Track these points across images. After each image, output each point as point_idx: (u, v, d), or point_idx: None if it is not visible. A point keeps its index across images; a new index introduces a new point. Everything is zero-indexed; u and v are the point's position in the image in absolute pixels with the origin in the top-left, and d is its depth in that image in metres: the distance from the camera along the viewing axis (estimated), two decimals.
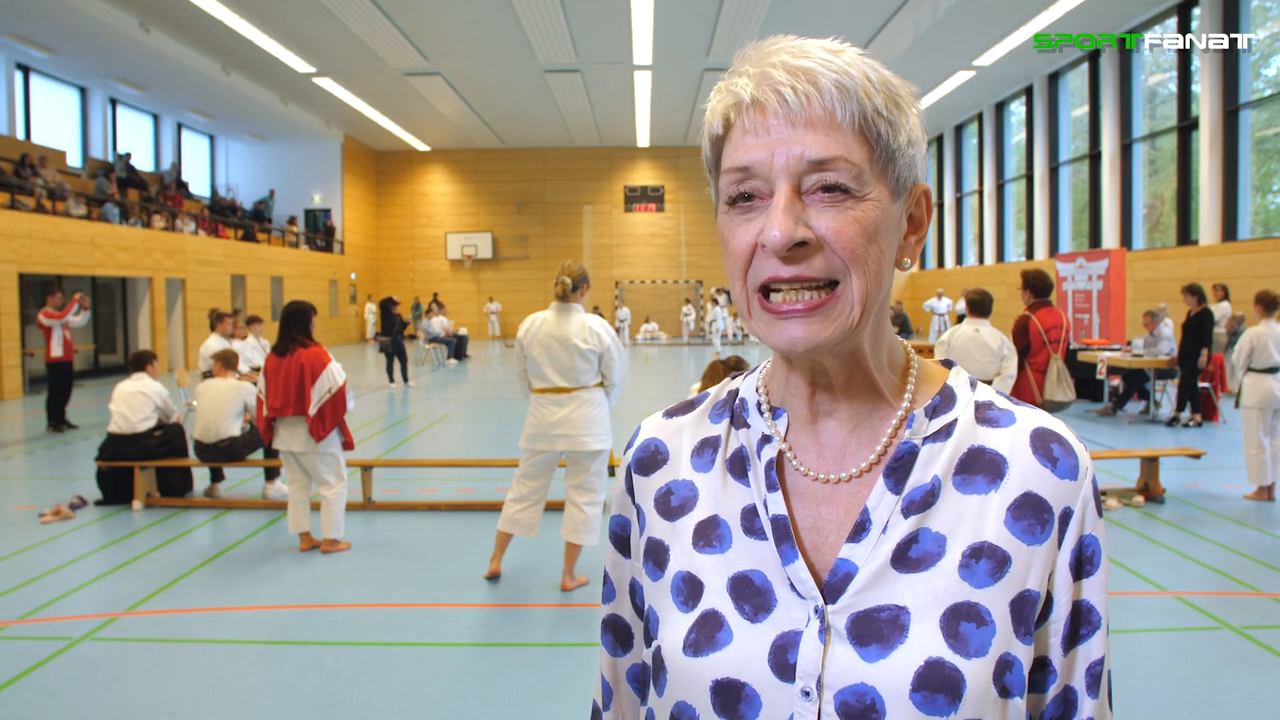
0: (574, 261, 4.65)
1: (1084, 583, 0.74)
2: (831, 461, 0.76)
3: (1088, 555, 0.74)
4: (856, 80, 0.68)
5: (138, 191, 19.90)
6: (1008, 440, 0.74)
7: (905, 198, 0.73)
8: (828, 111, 0.67)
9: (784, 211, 0.67)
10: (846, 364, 0.75)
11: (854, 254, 0.68)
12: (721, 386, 0.87)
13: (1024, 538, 0.71)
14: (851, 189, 0.68)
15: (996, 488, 0.72)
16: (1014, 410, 0.76)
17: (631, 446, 0.88)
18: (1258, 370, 6.58)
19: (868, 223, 0.68)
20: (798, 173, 0.68)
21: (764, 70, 0.69)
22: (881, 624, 0.69)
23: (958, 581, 0.70)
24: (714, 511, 0.79)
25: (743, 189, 0.70)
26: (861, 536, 0.72)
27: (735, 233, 0.71)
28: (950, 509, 0.72)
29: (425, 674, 3.69)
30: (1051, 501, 0.72)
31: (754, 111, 0.69)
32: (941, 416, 0.76)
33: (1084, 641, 0.74)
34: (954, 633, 0.68)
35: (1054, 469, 0.73)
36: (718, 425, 0.83)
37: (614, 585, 0.90)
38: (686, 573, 0.77)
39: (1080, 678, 0.74)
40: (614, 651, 0.91)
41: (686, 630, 0.75)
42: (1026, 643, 0.71)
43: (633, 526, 0.86)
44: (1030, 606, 0.71)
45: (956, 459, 0.74)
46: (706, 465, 0.82)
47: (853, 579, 0.71)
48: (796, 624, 0.71)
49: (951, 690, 0.67)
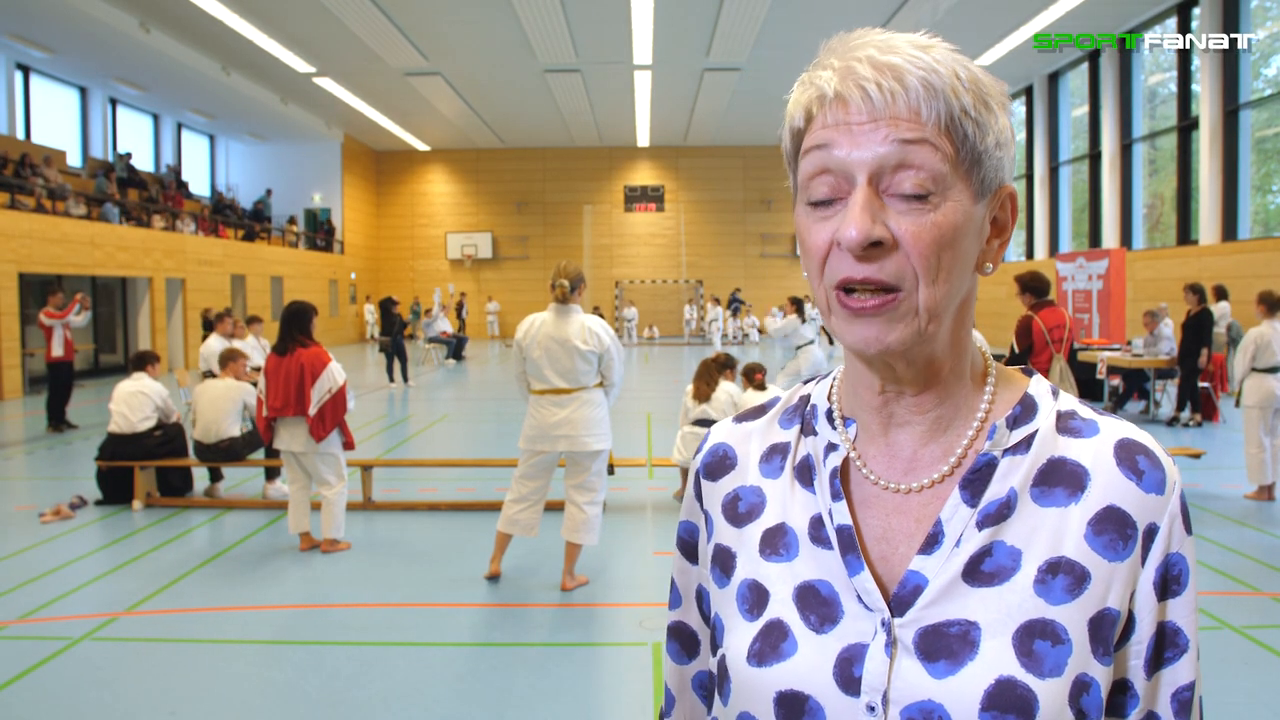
0: (570, 262, 4.65)
1: (1170, 603, 0.70)
2: (902, 471, 0.74)
3: (1174, 574, 0.70)
4: (945, 78, 0.66)
5: (138, 191, 19.90)
6: (1091, 451, 0.71)
7: (989, 200, 0.70)
8: (912, 110, 0.65)
9: (862, 209, 0.65)
10: (922, 372, 0.72)
11: (926, 261, 0.66)
12: (794, 392, 0.85)
13: (1105, 553, 0.68)
14: (931, 193, 0.66)
15: (1077, 500, 0.69)
16: (1098, 420, 0.73)
17: (700, 451, 0.86)
18: (1259, 370, 6.58)
19: (946, 228, 0.66)
20: (878, 169, 0.66)
21: (849, 64, 0.67)
22: (951, 639, 0.67)
23: (1032, 597, 0.67)
24: (781, 519, 0.77)
25: (822, 193, 0.68)
26: (934, 549, 0.69)
27: (812, 230, 0.69)
28: (1027, 521, 0.69)
29: (425, 674, 3.69)
30: (1136, 516, 0.69)
31: (837, 106, 0.67)
32: (1023, 427, 0.72)
33: (1169, 665, 0.70)
34: (1027, 651, 0.65)
35: (1139, 482, 0.69)
36: (788, 431, 0.81)
37: (680, 592, 0.88)
38: (752, 580, 0.76)
39: (1165, 703, 0.70)
40: (679, 659, 0.89)
41: (751, 640, 0.73)
42: (1105, 664, 0.68)
43: (700, 533, 0.85)
44: (1110, 626, 0.68)
45: (1035, 470, 0.71)
46: (775, 472, 0.80)
47: (922, 592, 0.68)
48: (863, 636, 0.69)
49: (1024, 711, 0.64)
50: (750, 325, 26.54)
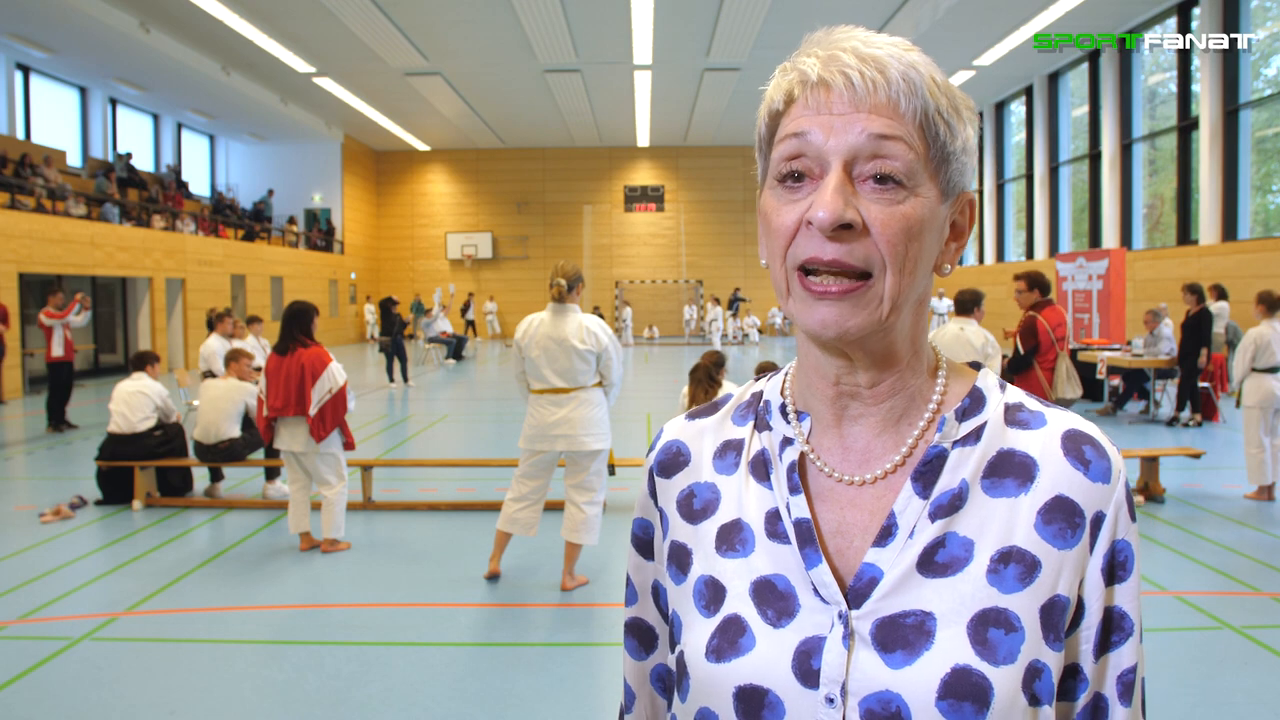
0: (567, 261, 4.66)
1: (1116, 588, 0.72)
2: (856, 463, 0.75)
3: (1120, 560, 0.72)
4: (924, 76, 0.68)
5: (138, 191, 19.90)
6: (1039, 442, 0.73)
7: (952, 202, 0.73)
8: (892, 101, 0.67)
9: (835, 191, 0.66)
10: (878, 362, 0.73)
11: (894, 248, 0.67)
12: (746, 389, 0.86)
13: (1055, 542, 0.70)
14: (903, 181, 0.67)
15: (1027, 491, 0.71)
16: (1045, 412, 0.75)
17: (654, 449, 0.86)
18: (1259, 370, 6.58)
19: (914, 219, 0.68)
20: (853, 153, 0.67)
21: (833, 54, 0.69)
22: (907, 630, 0.68)
23: (986, 587, 0.68)
24: (737, 515, 0.77)
25: (794, 166, 0.69)
26: (888, 541, 0.71)
27: (780, 210, 0.70)
28: (978, 512, 0.71)
29: (425, 674, 3.69)
30: (1083, 505, 0.71)
31: (819, 90, 0.69)
32: (972, 419, 0.74)
33: (1115, 649, 0.73)
34: (982, 639, 0.67)
35: (1086, 472, 0.71)
36: (741, 427, 0.82)
37: (636, 589, 0.89)
38: (709, 577, 0.76)
39: (1112, 685, 0.73)
40: (637, 655, 0.90)
41: (709, 636, 0.73)
42: (1057, 649, 0.69)
43: (656, 530, 0.85)
44: (1060, 613, 0.70)
45: (985, 462, 0.72)
46: (729, 468, 0.80)
47: (878, 584, 0.69)
48: (820, 629, 0.70)
49: (979, 698, 0.65)
50: (750, 325, 26.52)
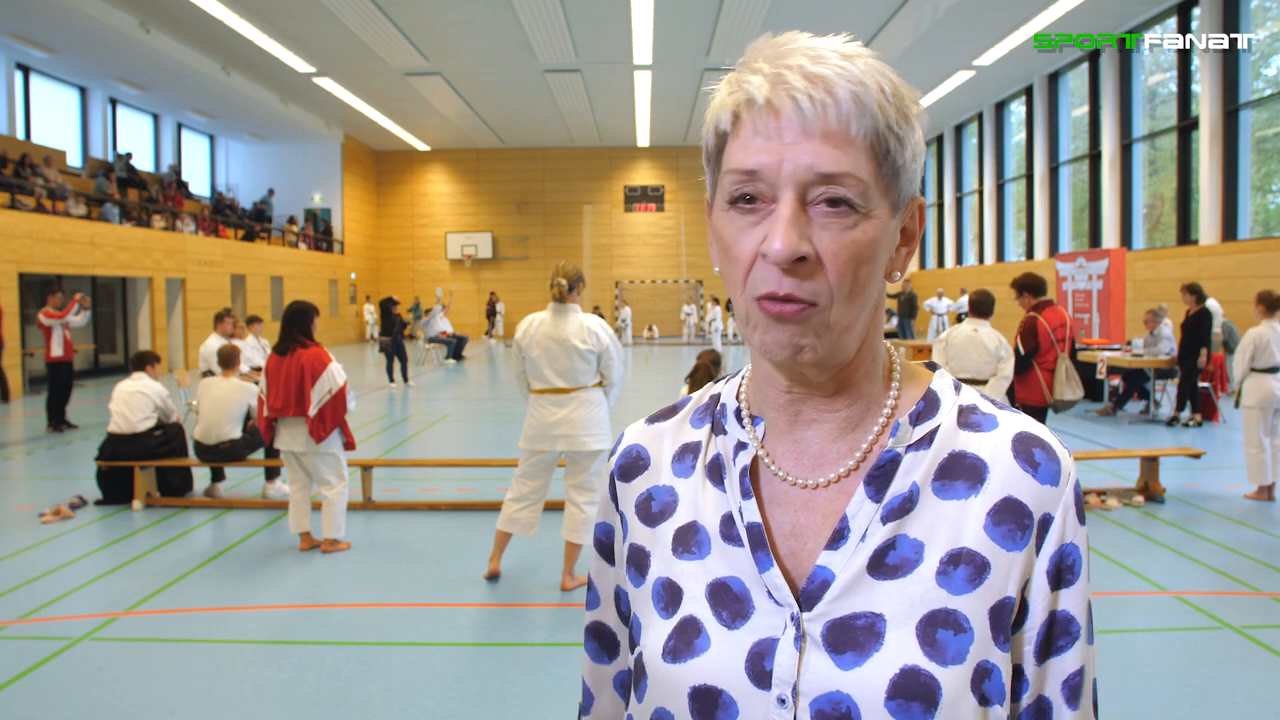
0: (568, 261, 4.66)
1: (1062, 593, 0.72)
2: (810, 467, 0.75)
3: (1068, 564, 0.72)
4: (871, 93, 0.66)
5: (138, 191, 19.90)
6: (989, 445, 0.73)
7: (902, 212, 0.72)
8: (843, 125, 0.66)
9: (788, 224, 0.66)
10: (834, 377, 0.74)
11: (842, 278, 0.67)
12: (704, 391, 0.86)
13: (1004, 544, 0.70)
14: (856, 205, 0.67)
15: (977, 493, 0.71)
16: (997, 414, 0.75)
17: (615, 453, 0.87)
18: (1259, 370, 6.58)
19: (864, 244, 0.67)
20: (805, 183, 0.66)
21: (779, 72, 0.67)
22: (857, 631, 0.68)
23: (935, 588, 0.69)
24: (693, 518, 0.78)
25: (746, 189, 0.68)
26: (840, 544, 0.71)
27: (737, 238, 0.69)
28: (929, 515, 0.71)
29: (425, 674, 3.69)
30: (1032, 507, 0.71)
31: (767, 114, 0.67)
32: (925, 423, 0.74)
33: (1060, 653, 0.72)
34: (930, 640, 0.67)
35: (1035, 474, 0.71)
36: (699, 430, 0.83)
37: (598, 592, 0.89)
38: (666, 579, 0.77)
39: (1056, 689, 0.72)
40: (597, 659, 0.90)
41: (666, 637, 0.74)
42: (1006, 650, 0.70)
43: (616, 533, 0.86)
44: (1008, 614, 0.70)
45: (937, 464, 0.73)
46: (687, 471, 0.81)
47: (829, 586, 0.70)
48: (773, 631, 0.71)
49: (927, 698, 0.66)
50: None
